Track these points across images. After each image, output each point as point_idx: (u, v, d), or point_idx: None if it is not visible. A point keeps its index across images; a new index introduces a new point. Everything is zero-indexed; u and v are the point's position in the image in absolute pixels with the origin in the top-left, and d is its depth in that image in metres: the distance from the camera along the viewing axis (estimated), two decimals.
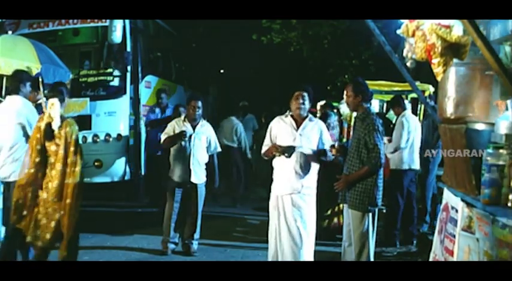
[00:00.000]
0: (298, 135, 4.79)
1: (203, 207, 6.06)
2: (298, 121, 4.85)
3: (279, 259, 4.76)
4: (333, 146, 4.84)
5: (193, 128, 5.86)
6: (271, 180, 4.97)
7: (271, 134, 4.93)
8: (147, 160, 8.59)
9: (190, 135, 5.81)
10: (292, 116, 4.89)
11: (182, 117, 5.96)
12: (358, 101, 4.63)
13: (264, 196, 6.26)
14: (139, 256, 5.86)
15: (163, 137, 5.90)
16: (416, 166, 6.61)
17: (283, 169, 4.80)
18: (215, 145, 6.08)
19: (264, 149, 4.96)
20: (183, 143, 5.78)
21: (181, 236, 6.04)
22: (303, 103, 4.80)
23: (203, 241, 6.20)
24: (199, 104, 5.87)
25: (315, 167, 4.86)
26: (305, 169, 4.77)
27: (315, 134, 4.85)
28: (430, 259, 3.63)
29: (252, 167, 10.40)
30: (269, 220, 4.93)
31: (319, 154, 4.85)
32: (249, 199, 9.78)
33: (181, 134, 5.72)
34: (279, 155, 4.80)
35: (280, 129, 4.87)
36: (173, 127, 5.87)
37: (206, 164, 6.00)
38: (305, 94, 4.81)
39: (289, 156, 4.74)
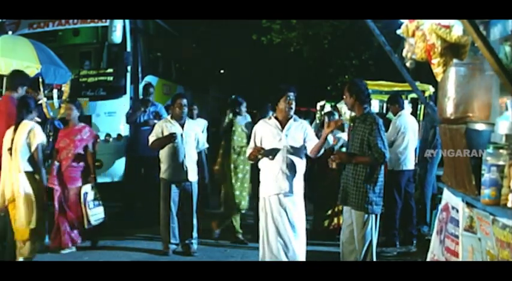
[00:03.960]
0: (284, 135, 4.78)
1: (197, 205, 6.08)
2: (283, 122, 4.85)
3: (267, 260, 4.71)
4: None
5: (181, 126, 5.85)
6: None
7: (255, 137, 4.92)
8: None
9: (181, 134, 5.80)
10: (276, 117, 4.88)
11: (169, 117, 5.95)
12: (354, 101, 4.65)
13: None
14: (139, 256, 5.86)
15: (151, 139, 5.85)
16: (412, 166, 6.61)
17: (270, 170, 4.79)
18: (202, 142, 6.11)
19: (248, 152, 4.98)
20: (174, 144, 5.77)
21: (180, 236, 6.03)
22: (293, 104, 4.81)
23: (203, 241, 6.20)
24: (185, 102, 5.87)
25: (301, 166, 4.86)
26: (291, 169, 4.76)
27: (300, 133, 4.84)
28: (428, 259, 3.62)
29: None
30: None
31: (315, 150, 4.81)
32: None
33: (171, 136, 5.70)
34: (261, 157, 4.80)
35: (265, 132, 4.86)
36: (161, 128, 5.85)
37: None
38: (293, 95, 4.81)
39: (273, 158, 4.74)
